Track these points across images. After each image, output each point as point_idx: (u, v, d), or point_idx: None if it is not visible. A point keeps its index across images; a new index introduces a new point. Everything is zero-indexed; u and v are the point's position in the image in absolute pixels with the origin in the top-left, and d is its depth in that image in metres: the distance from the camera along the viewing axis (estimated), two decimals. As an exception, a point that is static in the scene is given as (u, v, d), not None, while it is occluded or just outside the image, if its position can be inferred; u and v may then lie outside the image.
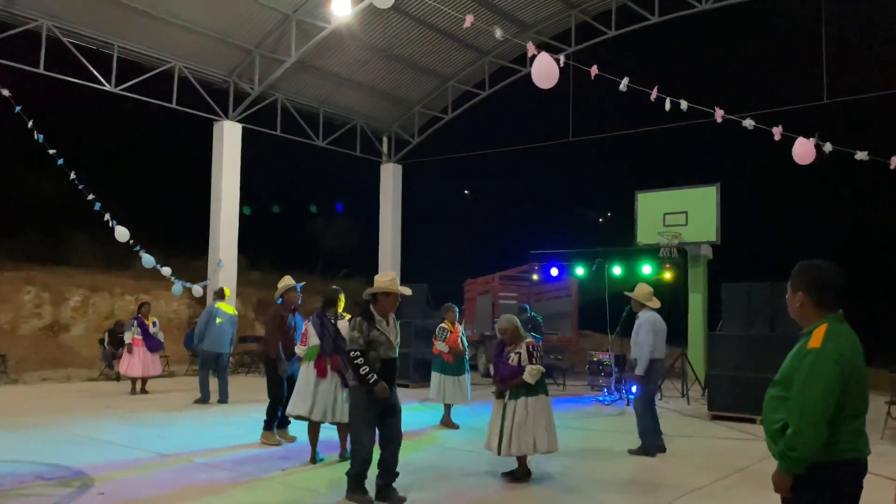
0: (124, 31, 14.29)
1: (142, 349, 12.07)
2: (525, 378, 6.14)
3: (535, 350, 6.27)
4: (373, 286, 5.66)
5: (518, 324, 6.46)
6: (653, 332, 7.73)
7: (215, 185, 16.42)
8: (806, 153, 9.54)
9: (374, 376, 5.35)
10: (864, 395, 2.83)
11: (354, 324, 5.51)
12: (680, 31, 18.10)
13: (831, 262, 2.99)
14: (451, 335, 9.38)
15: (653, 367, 7.77)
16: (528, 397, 6.18)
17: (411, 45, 17.26)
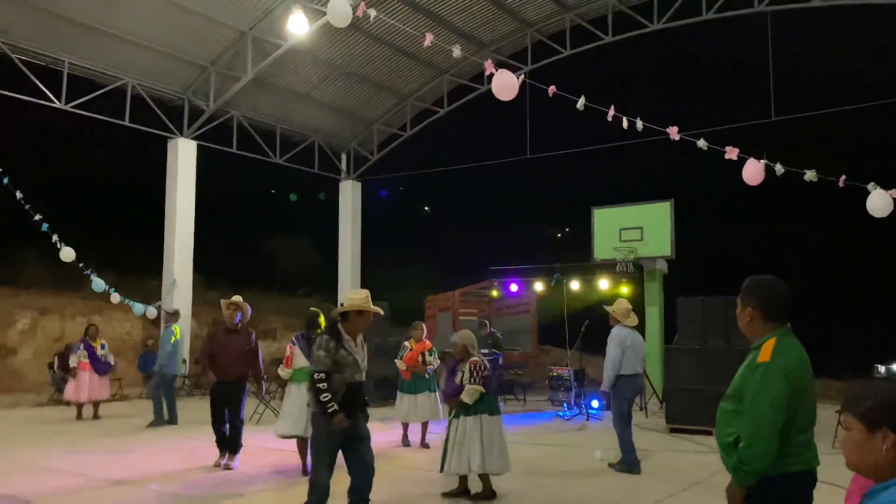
0: (75, 47, 14.02)
1: (88, 373, 11.61)
2: (462, 397, 6.12)
3: (476, 369, 6.21)
4: (344, 304, 5.22)
5: (468, 342, 6.40)
6: (620, 347, 7.71)
7: (169, 203, 16.15)
8: (755, 174, 9.78)
9: (334, 406, 4.81)
10: (812, 407, 2.89)
11: (321, 342, 5.00)
12: (633, 51, 18.55)
13: (779, 277, 3.06)
14: (408, 353, 9.38)
15: (620, 383, 7.73)
16: (466, 417, 6.16)
17: (369, 63, 17.30)
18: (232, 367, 7.57)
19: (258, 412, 11.60)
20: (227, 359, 7.55)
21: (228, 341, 7.66)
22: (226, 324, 7.80)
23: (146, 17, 13.89)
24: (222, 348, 7.60)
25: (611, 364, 7.72)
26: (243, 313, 7.87)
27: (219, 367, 7.54)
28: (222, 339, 7.68)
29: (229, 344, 7.64)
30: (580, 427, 11.50)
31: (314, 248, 28.06)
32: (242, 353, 7.66)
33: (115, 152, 22.18)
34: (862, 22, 18.49)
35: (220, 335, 7.74)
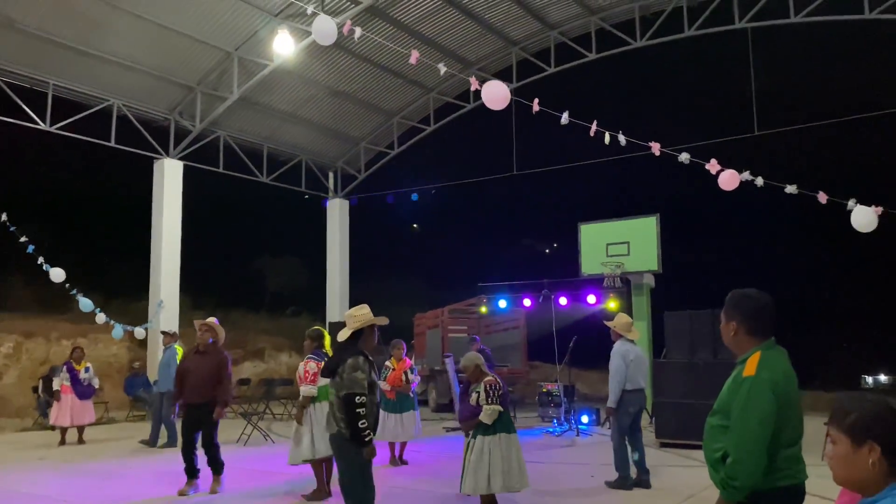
0: (60, 69, 14.00)
1: (70, 396, 11.37)
2: (482, 418, 6.07)
3: (493, 389, 6.16)
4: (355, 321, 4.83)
5: (480, 362, 6.34)
6: (623, 361, 7.65)
7: (156, 224, 16.08)
8: (730, 180, 9.90)
9: (370, 434, 4.55)
10: (799, 421, 2.89)
11: (357, 363, 4.59)
12: (617, 68, 18.75)
13: (764, 290, 3.08)
14: (392, 373, 9.34)
15: (625, 398, 7.65)
16: (484, 436, 6.10)
17: (356, 82, 17.37)
18: (203, 390, 7.27)
19: (245, 433, 11.49)
20: (198, 381, 7.28)
21: (200, 363, 7.41)
22: (196, 346, 7.58)
23: (132, 38, 13.90)
24: (193, 370, 7.36)
25: (616, 379, 7.63)
26: (216, 335, 7.61)
27: (189, 389, 7.29)
28: (193, 361, 7.45)
29: (201, 366, 7.38)
30: (570, 443, 11.46)
31: (302, 268, 27.98)
32: (213, 375, 7.36)
33: (101, 173, 22.11)
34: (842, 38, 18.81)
35: (191, 357, 7.52)
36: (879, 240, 25.82)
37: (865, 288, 30.60)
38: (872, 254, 29.99)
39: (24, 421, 14.23)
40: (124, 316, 15.39)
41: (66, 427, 11.43)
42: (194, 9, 13.70)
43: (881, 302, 29.93)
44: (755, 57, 14.96)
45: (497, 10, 15.91)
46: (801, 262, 30.64)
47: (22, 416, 14.59)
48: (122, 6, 13.00)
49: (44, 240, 13.21)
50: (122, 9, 13.07)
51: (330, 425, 4.74)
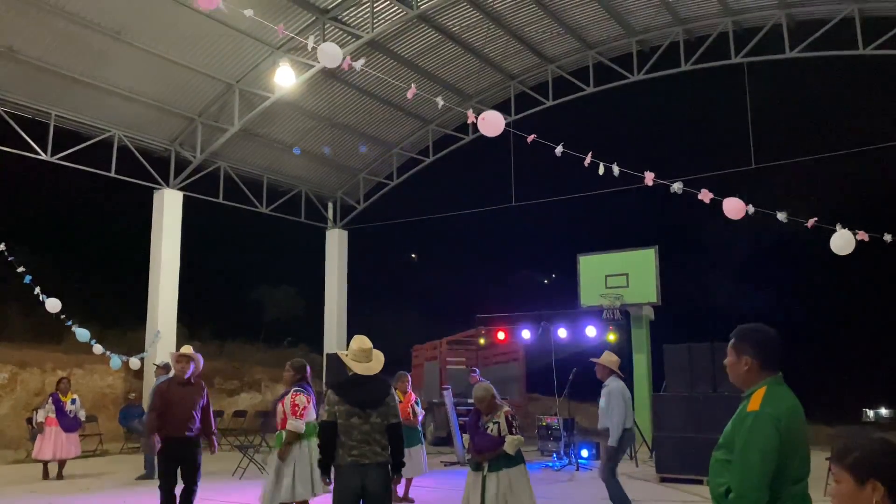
0: (62, 99, 14.11)
1: (55, 429, 11.01)
2: (506, 449, 5.91)
3: (514, 419, 6.08)
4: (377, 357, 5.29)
5: (494, 392, 6.23)
6: (623, 400, 7.62)
7: (154, 254, 16.07)
8: (736, 209, 9.96)
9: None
10: (805, 457, 2.84)
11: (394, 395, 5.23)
12: (614, 101, 18.91)
13: (764, 323, 3.07)
14: (399, 405, 9.09)
15: (623, 437, 7.62)
16: (508, 469, 5.94)
17: (355, 114, 17.52)
18: (189, 423, 6.90)
19: (241, 467, 11.34)
20: (182, 414, 6.89)
21: (182, 395, 7.01)
22: (177, 378, 7.16)
23: (133, 70, 14.03)
24: (176, 403, 6.94)
25: (618, 418, 7.56)
26: (196, 365, 7.21)
27: (172, 423, 6.87)
28: (176, 394, 7.01)
29: (184, 398, 6.99)
30: (570, 478, 11.33)
31: (300, 298, 27.87)
32: (196, 407, 7.02)
33: (101, 203, 22.15)
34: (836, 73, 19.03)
35: (173, 389, 7.07)
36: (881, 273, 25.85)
37: (866, 321, 30.53)
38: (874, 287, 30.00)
39: (18, 452, 14.04)
40: (121, 346, 15.28)
41: (48, 461, 11.03)
42: (196, 41, 13.86)
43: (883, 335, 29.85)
44: (751, 91, 15.13)
45: (495, 45, 16.11)
46: (802, 295, 30.62)
47: (15, 448, 14.40)
48: (124, 38, 13.15)
49: (42, 269, 13.17)
50: (125, 41, 13.21)
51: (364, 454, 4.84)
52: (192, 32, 13.48)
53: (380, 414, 4.88)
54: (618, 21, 15.42)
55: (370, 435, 4.83)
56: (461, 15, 14.80)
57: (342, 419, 4.85)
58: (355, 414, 4.85)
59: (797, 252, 25.35)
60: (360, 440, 4.81)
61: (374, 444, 4.83)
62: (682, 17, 15.15)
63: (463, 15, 14.81)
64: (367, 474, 4.80)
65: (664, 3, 14.73)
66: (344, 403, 4.89)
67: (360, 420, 4.83)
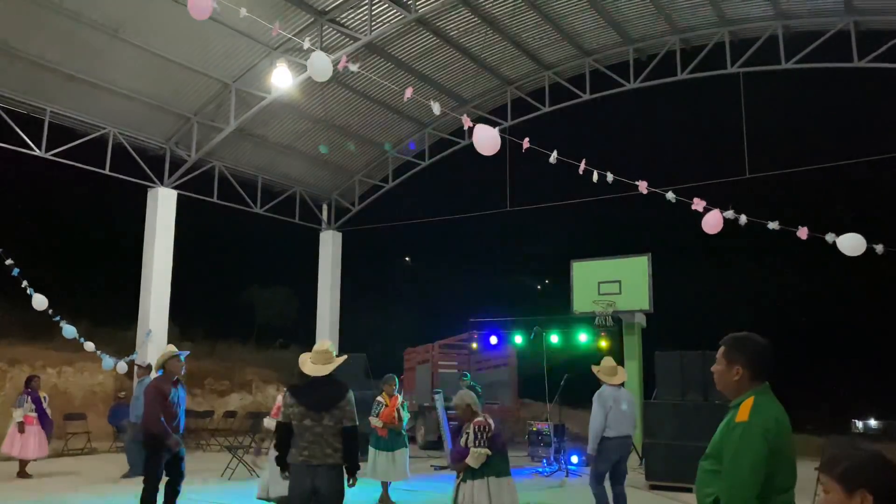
0: (57, 96, 14.06)
1: (36, 427, 10.92)
2: (468, 461, 5.77)
3: (481, 431, 5.84)
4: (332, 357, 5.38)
5: (471, 401, 6.07)
6: (602, 408, 7.46)
7: (147, 253, 16.01)
8: (715, 223, 10.01)
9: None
10: (791, 468, 2.86)
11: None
12: (611, 108, 18.98)
13: (755, 331, 3.08)
14: (385, 409, 8.95)
15: (606, 445, 7.43)
16: (473, 480, 5.79)
17: (352, 116, 17.53)
18: (178, 420, 7.09)
19: (231, 468, 11.30)
20: (176, 412, 7.07)
21: (177, 395, 7.15)
22: (176, 377, 7.21)
23: (130, 68, 14.00)
24: (175, 403, 7.07)
25: (594, 425, 7.46)
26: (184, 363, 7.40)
27: (176, 423, 7.02)
28: (177, 395, 7.15)
29: (178, 398, 7.16)
30: (560, 484, 11.33)
31: (292, 299, 27.84)
32: (183, 405, 7.26)
33: (95, 201, 22.09)
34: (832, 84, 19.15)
35: (169, 389, 7.09)
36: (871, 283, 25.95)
37: (857, 332, 30.67)
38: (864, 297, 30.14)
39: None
40: (112, 345, 15.22)
41: (29, 460, 10.88)
42: (193, 40, 13.84)
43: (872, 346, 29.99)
44: (747, 101, 15.21)
45: (493, 50, 16.14)
46: (793, 305, 30.75)
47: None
48: (122, 36, 13.13)
49: (34, 265, 13.09)
50: (122, 39, 13.18)
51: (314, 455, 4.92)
52: (189, 31, 13.45)
53: (333, 416, 5.02)
54: (615, 29, 15.48)
55: (322, 437, 4.97)
56: (459, 19, 14.83)
57: (296, 420, 5.02)
58: (308, 416, 5.01)
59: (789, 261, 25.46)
60: (312, 441, 4.96)
61: (324, 446, 4.96)
62: (679, 26, 15.22)
63: (461, 19, 14.84)
64: (316, 474, 4.93)
65: (661, 13, 14.80)
66: (298, 405, 5.05)
67: (313, 422, 4.99)
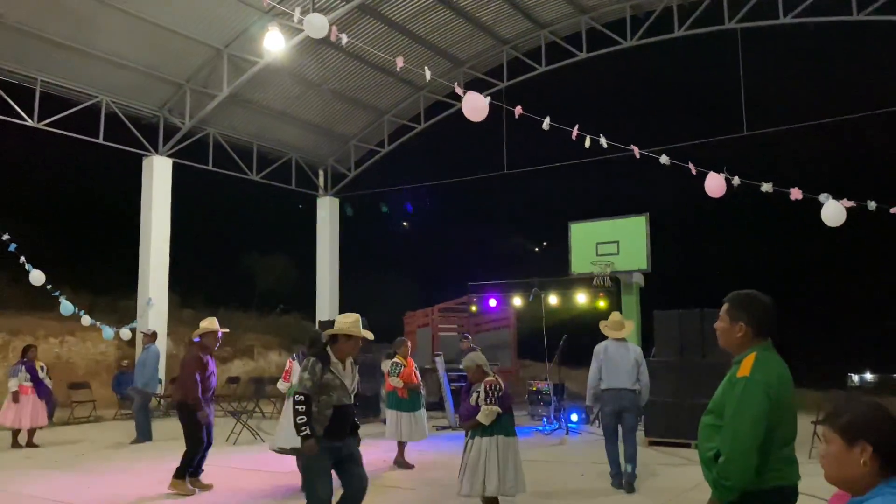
0: (48, 65, 13.89)
1: (31, 397, 10.94)
2: (479, 418, 5.98)
3: (492, 390, 6.07)
4: (334, 326, 5.25)
5: (481, 362, 6.28)
6: (595, 361, 7.78)
7: (144, 221, 15.99)
8: (717, 186, 10.00)
9: (306, 430, 4.88)
10: (792, 422, 2.91)
11: (307, 364, 5.07)
12: (607, 67, 18.76)
13: (753, 288, 3.11)
14: (404, 369, 9.07)
15: (602, 398, 7.72)
16: (482, 437, 6.01)
17: (346, 80, 17.34)
18: (213, 390, 7.61)
19: (235, 432, 11.46)
20: (211, 383, 7.53)
21: (211, 365, 7.61)
22: (209, 347, 7.63)
23: (120, 35, 13.81)
24: (209, 372, 7.50)
25: (589, 378, 7.81)
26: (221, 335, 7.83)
27: (206, 391, 7.44)
28: (206, 364, 7.53)
29: (213, 367, 7.62)
30: (560, 441, 11.51)
31: (292, 266, 27.86)
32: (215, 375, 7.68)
33: (90, 171, 21.93)
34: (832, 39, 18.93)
35: (204, 361, 7.52)
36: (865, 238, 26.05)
37: (853, 287, 30.84)
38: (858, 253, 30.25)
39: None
40: (113, 314, 15.31)
41: (21, 429, 10.89)
42: (184, 5, 13.63)
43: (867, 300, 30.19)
44: (745, 57, 15.06)
45: (488, 9, 15.92)
46: (788, 261, 30.86)
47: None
48: (110, 2, 12.92)
49: (31, 238, 13.07)
50: (111, 5, 12.98)
51: None
52: (179, -4, 13.25)
53: None
54: (611, -15, 15.26)
55: None
56: (453, -21, 14.60)
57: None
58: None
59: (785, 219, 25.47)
60: None
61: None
62: (677, -19, 15.00)
63: (455, -22, 14.60)
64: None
65: (658, -32, 14.58)
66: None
67: None
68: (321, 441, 4.91)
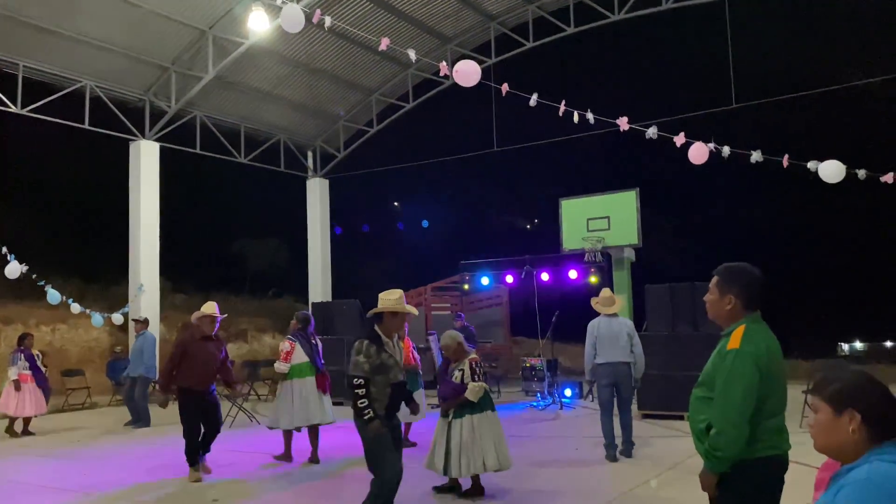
0: (30, 50, 13.69)
1: (31, 385, 10.90)
2: (468, 396, 6.01)
3: (478, 366, 6.17)
4: (378, 305, 5.18)
5: (461, 339, 6.33)
6: (589, 336, 7.96)
7: (133, 207, 15.88)
8: (700, 154, 10.03)
9: (370, 412, 4.84)
10: (782, 393, 2.94)
11: (360, 347, 4.96)
12: (596, 42, 18.69)
13: (743, 261, 3.12)
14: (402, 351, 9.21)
15: (597, 372, 7.91)
16: (472, 415, 6.04)
17: (333, 59, 17.18)
18: (210, 377, 7.40)
19: (231, 415, 11.48)
20: (207, 369, 7.33)
21: (205, 350, 7.37)
22: (203, 332, 7.47)
23: (102, 17, 13.60)
24: (199, 358, 7.28)
25: (586, 353, 7.99)
26: (219, 321, 7.67)
27: (197, 377, 7.24)
28: (198, 349, 7.33)
29: (207, 353, 7.37)
30: (554, 416, 11.60)
31: (283, 248, 27.84)
32: (217, 362, 7.47)
33: (76, 157, 21.73)
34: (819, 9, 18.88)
35: (196, 344, 7.37)
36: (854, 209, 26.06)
37: (842, 258, 31.07)
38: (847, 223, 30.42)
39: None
40: (104, 301, 15.25)
41: (27, 417, 10.87)
42: (166, -14, 13.43)
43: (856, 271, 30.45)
44: (733, 29, 14.98)
45: (474, -15, 15.74)
46: (778, 233, 31.05)
47: (3, 404, 14.43)
48: (91, -16, 12.72)
49: (20, 226, 12.97)
50: (92, -13, 12.78)
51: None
52: (160, -23, 13.05)
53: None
54: (598, -42, 15.11)
55: None
56: (438, -46, 14.41)
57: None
58: None
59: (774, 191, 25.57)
60: None
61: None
62: (664, -47, 14.86)
63: (440, -46, 14.42)
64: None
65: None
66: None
67: None
68: (383, 421, 4.92)
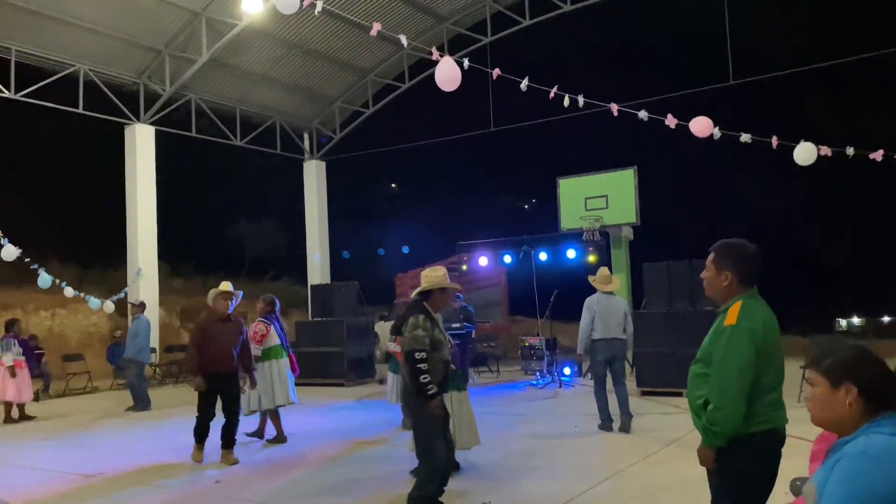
0: (22, 34, 13.58)
1: (25, 371, 10.90)
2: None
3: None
4: (423, 283, 5.11)
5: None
6: (587, 312, 8.10)
7: (130, 191, 15.85)
8: (704, 127, 10.05)
9: (433, 388, 4.72)
10: (779, 368, 2.96)
11: (417, 321, 4.84)
12: (593, 19, 18.53)
13: (739, 237, 3.13)
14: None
15: (593, 348, 8.10)
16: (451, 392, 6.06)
17: (327, 40, 17.05)
18: (229, 359, 7.13)
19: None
20: (225, 351, 7.10)
21: (223, 332, 7.16)
22: (219, 313, 7.25)
23: (94, 1, 13.47)
24: (216, 340, 7.10)
25: (581, 329, 8.15)
26: (236, 300, 7.41)
27: (214, 359, 7.04)
28: (216, 330, 7.15)
29: (225, 335, 7.16)
30: (553, 395, 11.68)
31: (281, 231, 27.80)
32: (237, 344, 7.24)
33: (72, 141, 21.61)
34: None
35: (213, 326, 7.18)
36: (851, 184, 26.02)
37: (839, 233, 31.13)
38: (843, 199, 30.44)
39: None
40: (103, 285, 15.25)
41: (15, 402, 10.82)
42: (158, -32, 13.29)
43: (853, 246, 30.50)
44: (731, 3, 14.86)
45: (469, -38, 15.59)
46: (775, 210, 31.03)
47: None
48: (82, -34, 12.58)
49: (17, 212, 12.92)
50: (83, -31, 12.65)
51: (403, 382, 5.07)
52: (152, -42, 12.90)
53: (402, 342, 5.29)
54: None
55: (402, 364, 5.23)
56: (433, -68, 14.26)
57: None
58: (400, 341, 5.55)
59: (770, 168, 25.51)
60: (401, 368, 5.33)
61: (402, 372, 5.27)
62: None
63: (434, -68, 14.26)
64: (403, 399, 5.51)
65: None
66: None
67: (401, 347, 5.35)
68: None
